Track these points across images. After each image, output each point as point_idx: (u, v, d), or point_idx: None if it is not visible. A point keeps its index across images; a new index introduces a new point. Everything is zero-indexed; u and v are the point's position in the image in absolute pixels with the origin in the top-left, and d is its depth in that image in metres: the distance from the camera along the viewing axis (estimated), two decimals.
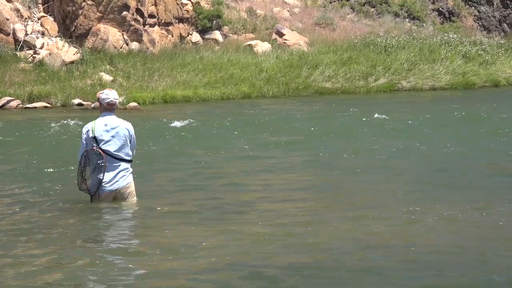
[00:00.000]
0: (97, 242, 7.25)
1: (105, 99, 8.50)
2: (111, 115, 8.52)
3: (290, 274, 6.08)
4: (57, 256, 6.65)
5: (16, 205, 8.79)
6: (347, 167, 11.55)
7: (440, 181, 10.32)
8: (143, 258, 6.60)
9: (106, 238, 7.46)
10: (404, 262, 6.44)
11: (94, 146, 8.37)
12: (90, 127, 8.49)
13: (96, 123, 8.48)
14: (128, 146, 8.53)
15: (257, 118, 18.10)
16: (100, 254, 6.71)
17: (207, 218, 8.11)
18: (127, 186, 8.56)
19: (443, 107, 20.63)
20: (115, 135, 8.43)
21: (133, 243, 7.30)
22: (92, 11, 24.94)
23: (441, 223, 7.80)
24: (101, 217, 8.22)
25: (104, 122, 8.45)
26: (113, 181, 8.42)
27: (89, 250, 6.89)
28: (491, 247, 6.90)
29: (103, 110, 8.56)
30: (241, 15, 29.79)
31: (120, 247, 7.03)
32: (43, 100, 21.35)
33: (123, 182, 8.49)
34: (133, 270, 6.28)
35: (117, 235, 7.56)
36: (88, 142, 8.45)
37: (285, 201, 9.16)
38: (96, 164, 8.31)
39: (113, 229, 7.81)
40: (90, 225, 7.92)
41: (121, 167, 8.47)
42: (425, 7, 35.99)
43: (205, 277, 6.07)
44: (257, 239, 7.19)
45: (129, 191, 8.60)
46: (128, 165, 8.57)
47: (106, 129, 8.42)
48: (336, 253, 6.71)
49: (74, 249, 6.92)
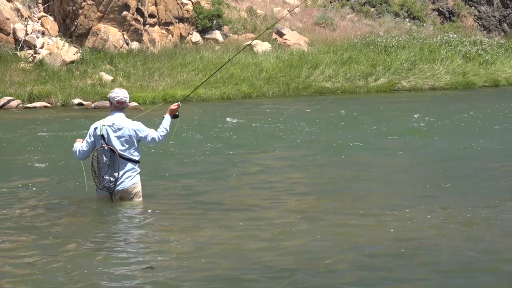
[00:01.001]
0: (98, 242, 7.25)
1: (115, 98, 8.53)
2: (120, 114, 8.53)
3: (285, 276, 6.09)
4: (56, 255, 6.64)
5: (15, 205, 8.78)
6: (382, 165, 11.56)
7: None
8: (142, 258, 6.60)
9: (107, 238, 7.44)
10: (406, 261, 6.45)
11: (103, 144, 8.38)
12: (98, 125, 8.51)
13: (104, 122, 8.50)
14: (135, 146, 8.50)
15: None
16: (100, 253, 6.72)
17: (212, 219, 8.11)
18: (133, 187, 8.54)
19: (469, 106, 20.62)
20: (121, 135, 8.44)
21: (134, 243, 7.28)
22: (92, 11, 24.95)
23: (451, 223, 7.81)
24: (102, 217, 8.21)
25: (112, 121, 8.48)
26: (120, 180, 8.42)
27: (89, 250, 6.89)
28: (491, 247, 6.90)
29: (113, 109, 8.59)
30: (241, 15, 29.80)
31: (121, 247, 7.02)
32: (43, 99, 21.36)
33: (128, 183, 8.47)
34: (133, 269, 6.28)
35: (118, 235, 7.55)
36: (96, 140, 8.46)
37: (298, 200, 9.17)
38: (109, 162, 8.31)
39: (114, 229, 7.79)
40: (92, 224, 7.92)
41: (127, 167, 8.46)
42: (425, 7, 36.00)
43: (208, 277, 6.07)
44: (262, 239, 7.19)
45: (135, 192, 8.58)
46: (135, 165, 8.55)
47: (112, 128, 8.45)
48: (336, 252, 6.72)
49: (74, 248, 6.91)
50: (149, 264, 6.39)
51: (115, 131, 8.43)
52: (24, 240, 7.24)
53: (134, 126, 8.54)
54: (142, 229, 7.76)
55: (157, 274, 6.13)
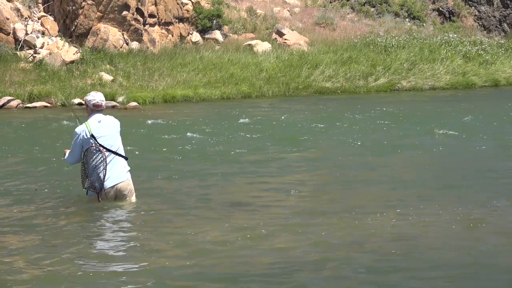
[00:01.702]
0: (95, 241, 7.24)
1: (91, 101, 8.58)
2: (99, 114, 8.56)
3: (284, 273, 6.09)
4: (53, 255, 6.64)
5: (13, 204, 8.77)
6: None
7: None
8: (140, 258, 6.59)
9: (103, 237, 7.44)
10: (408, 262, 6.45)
11: (92, 144, 8.37)
12: (84, 128, 8.50)
13: (89, 123, 8.51)
14: (121, 142, 8.61)
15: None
16: (97, 252, 6.71)
17: (208, 217, 8.11)
18: (127, 183, 8.54)
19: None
20: (111, 129, 8.48)
21: (130, 242, 7.27)
22: (92, 11, 24.94)
23: (456, 224, 7.80)
24: (100, 216, 8.18)
25: (97, 120, 8.51)
26: (113, 176, 8.41)
27: (86, 249, 6.88)
28: (490, 246, 6.90)
29: (90, 112, 8.63)
30: (241, 15, 29.80)
31: (118, 246, 7.02)
32: (43, 99, 21.35)
33: (123, 177, 8.48)
34: (131, 269, 6.28)
35: (115, 234, 7.54)
36: (85, 141, 8.45)
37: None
38: (97, 161, 8.31)
39: (111, 227, 7.76)
40: (88, 224, 7.90)
41: (120, 162, 8.48)
42: (425, 7, 36.00)
43: (205, 275, 6.07)
44: (258, 237, 7.18)
45: (129, 188, 8.58)
46: (125, 162, 8.57)
47: (101, 125, 8.46)
48: (336, 252, 6.72)
49: (71, 248, 6.90)
50: (147, 262, 6.38)
51: (105, 126, 8.46)
52: (20, 239, 7.23)
53: (115, 122, 8.59)
54: (141, 229, 7.74)
55: (156, 274, 6.12)
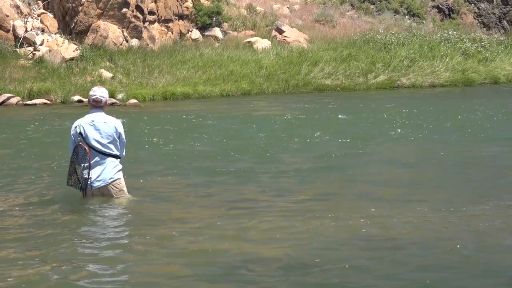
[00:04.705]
0: (87, 241, 7.19)
1: (91, 96, 8.55)
2: (99, 112, 8.54)
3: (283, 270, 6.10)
4: (50, 254, 6.64)
5: (8, 202, 8.78)
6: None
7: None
8: (137, 256, 6.60)
9: (94, 236, 7.36)
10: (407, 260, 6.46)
11: (80, 142, 8.38)
12: (77, 123, 8.51)
13: (83, 119, 8.51)
14: (116, 142, 8.51)
15: None
16: (91, 252, 6.72)
17: (207, 217, 8.12)
18: (116, 182, 8.46)
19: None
20: (101, 131, 8.41)
21: (121, 242, 7.22)
22: (92, 8, 24.94)
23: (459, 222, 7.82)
24: (89, 214, 8.06)
25: (91, 118, 8.47)
26: (99, 177, 8.36)
27: (80, 248, 6.88)
28: (490, 246, 6.91)
29: (91, 107, 8.61)
30: (241, 12, 29.80)
31: (111, 245, 6.99)
32: (43, 96, 21.36)
33: (109, 179, 8.39)
34: (127, 268, 6.28)
35: (105, 233, 7.44)
36: (75, 138, 8.46)
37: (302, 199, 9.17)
38: (83, 160, 8.31)
39: (101, 227, 7.62)
40: (80, 222, 7.84)
41: (107, 163, 8.41)
42: (425, 4, 36.02)
43: (201, 274, 6.08)
44: (254, 236, 7.20)
45: (118, 188, 8.48)
46: (116, 161, 8.51)
47: (92, 124, 8.42)
48: (336, 251, 6.73)
49: (64, 247, 6.88)
50: (143, 261, 6.38)
51: (95, 128, 8.42)
52: (13, 238, 7.23)
53: (115, 123, 8.56)
54: (133, 228, 7.68)
55: (155, 273, 6.14)
